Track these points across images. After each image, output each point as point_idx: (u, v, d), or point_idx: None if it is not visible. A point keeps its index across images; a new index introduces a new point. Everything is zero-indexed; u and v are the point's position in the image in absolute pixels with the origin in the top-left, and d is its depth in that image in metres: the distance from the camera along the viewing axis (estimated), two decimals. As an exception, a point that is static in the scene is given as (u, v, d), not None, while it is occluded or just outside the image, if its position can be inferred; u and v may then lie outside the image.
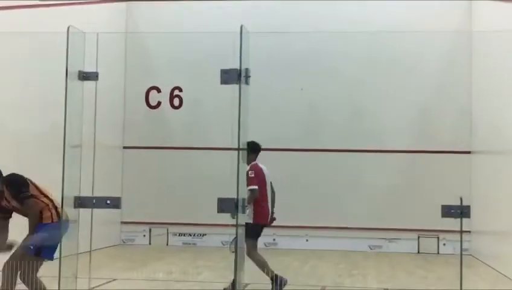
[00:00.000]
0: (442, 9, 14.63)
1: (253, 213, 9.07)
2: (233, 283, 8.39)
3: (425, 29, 14.15)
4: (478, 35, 14.03)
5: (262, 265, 9.03)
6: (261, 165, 9.41)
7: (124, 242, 15.35)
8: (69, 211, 6.49)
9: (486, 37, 13.04)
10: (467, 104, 14.45)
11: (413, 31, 13.82)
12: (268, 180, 9.45)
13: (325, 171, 14.71)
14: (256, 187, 9.04)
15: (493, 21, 12.57)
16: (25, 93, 11.19)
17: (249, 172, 8.95)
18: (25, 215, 6.93)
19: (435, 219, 6.41)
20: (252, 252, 8.95)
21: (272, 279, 8.96)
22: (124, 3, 15.61)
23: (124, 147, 15.62)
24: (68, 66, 6.23)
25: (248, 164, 8.80)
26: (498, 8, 12.20)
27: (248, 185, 8.70)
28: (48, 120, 10.93)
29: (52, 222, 6.85)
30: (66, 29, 6.13)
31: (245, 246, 8.02)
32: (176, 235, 15.45)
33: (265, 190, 9.35)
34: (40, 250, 6.76)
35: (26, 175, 6.88)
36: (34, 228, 6.79)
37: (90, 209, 6.79)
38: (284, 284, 8.93)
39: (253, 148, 9.02)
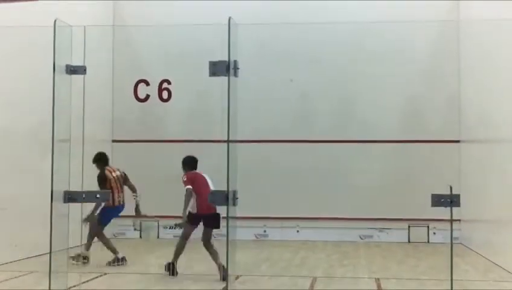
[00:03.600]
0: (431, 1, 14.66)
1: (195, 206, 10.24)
2: (224, 271, 8.64)
3: (413, 19, 14.15)
4: (465, 25, 14.07)
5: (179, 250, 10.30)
6: (198, 172, 10.43)
7: (114, 236, 15.27)
8: (58, 206, 6.46)
9: (474, 26, 13.08)
10: (455, 94, 14.48)
11: (401, 21, 13.82)
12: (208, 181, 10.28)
13: (315, 162, 14.70)
14: (190, 187, 10.12)
15: (481, 10, 12.56)
16: (13, 88, 11.11)
17: (183, 177, 10.28)
18: None
19: (424, 208, 6.42)
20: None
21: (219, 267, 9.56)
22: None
23: (113, 141, 15.57)
24: (55, 60, 6.17)
25: None
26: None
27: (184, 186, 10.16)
28: (36, 115, 10.87)
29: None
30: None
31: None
32: (167, 228, 15.42)
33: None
34: None
35: (16, 170, 6.88)
36: None
37: (80, 204, 6.80)
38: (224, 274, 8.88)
39: (186, 163, 10.55)
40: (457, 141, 14.55)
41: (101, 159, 11.64)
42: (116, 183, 11.47)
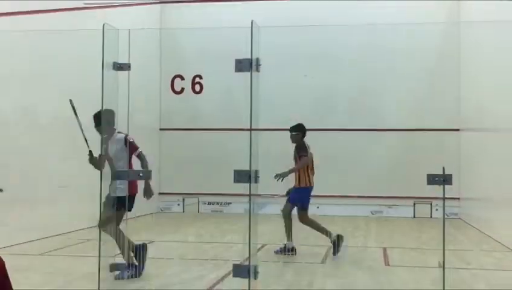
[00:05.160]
0: (432, 3, 14.42)
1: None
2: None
3: (419, 21, 13.92)
4: (465, 26, 13.85)
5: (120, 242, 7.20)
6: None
7: (161, 210, 15.40)
8: (107, 184, 6.47)
9: (474, 27, 12.86)
10: (456, 89, 14.30)
11: (407, 23, 13.60)
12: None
13: (332, 148, 14.57)
14: None
15: (481, 11, 12.32)
16: (74, 84, 11.14)
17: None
18: None
19: (428, 188, 6.30)
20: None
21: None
22: (158, 5, 15.60)
23: (161, 129, 15.65)
24: (104, 59, 6.17)
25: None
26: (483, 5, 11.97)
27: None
28: (93, 106, 10.93)
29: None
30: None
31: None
32: (206, 203, 15.47)
33: None
34: None
35: (80, 154, 6.82)
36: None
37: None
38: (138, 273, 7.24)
39: None
40: (457, 130, 14.34)
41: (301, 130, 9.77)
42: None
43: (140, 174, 6.67)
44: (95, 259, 5.91)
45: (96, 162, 6.94)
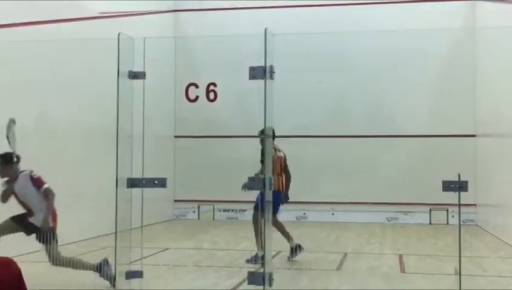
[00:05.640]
0: (449, 8, 14.39)
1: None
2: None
3: (434, 26, 13.87)
4: (480, 31, 13.78)
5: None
6: None
7: (177, 217, 15.45)
8: (122, 191, 6.50)
9: (489, 32, 12.80)
10: (471, 95, 14.18)
11: (423, 29, 13.56)
12: None
13: (347, 155, 14.58)
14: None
15: (496, 16, 12.28)
16: (91, 92, 11.23)
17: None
18: None
19: (444, 194, 6.27)
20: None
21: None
22: (172, 14, 15.70)
23: (175, 137, 15.72)
24: (119, 67, 6.23)
25: (3, 176, 7.22)
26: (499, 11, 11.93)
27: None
28: (109, 115, 11.01)
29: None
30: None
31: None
32: (221, 211, 15.49)
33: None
34: None
35: (91, 160, 6.92)
36: None
37: (141, 189, 6.83)
38: None
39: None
40: (473, 135, 14.24)
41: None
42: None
43: (156, 182, 6.69)
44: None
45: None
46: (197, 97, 15.38)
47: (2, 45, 9.04)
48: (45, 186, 7.18)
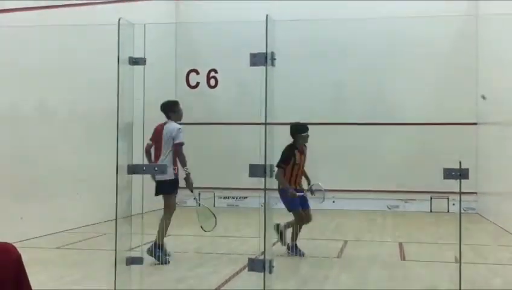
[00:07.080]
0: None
1: None
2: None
3: (437, 14, 13.81)
4: (483, 20, 13.72)
5: None
6: None
7: (177, 204, 15.40)
8: (123, 177, 6.49)
9: (491, 21, 12.75)
10: (473, 83, 14.13)
11: (425, 16, 13.51)
12: None
13: (348, 142, 14.56)
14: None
15: (499, 5, 12.21)
16: (93, 78, 11.18)
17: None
18: None
19: (445, 182, 6.27)
20: None
21: None
22: (173, 0, 15.66)
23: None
24: (120, 53, 6.19)
25: None
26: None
27: None
28: (110, 101, 10.99)
29: None
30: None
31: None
32: (221, 198, 15.50)
33: None
34: None
35: (91, 146, 6.93)
36: None
37: (141, 176, 6.82)
38: None
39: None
40: (475, 124, 14.22)
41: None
42: None
43: (156, 169, 6.69)
44: (112, 252, 5.95)
45: None
46: (197, 83, 15.35)
47: (2, 30, 9.01)
48: None
